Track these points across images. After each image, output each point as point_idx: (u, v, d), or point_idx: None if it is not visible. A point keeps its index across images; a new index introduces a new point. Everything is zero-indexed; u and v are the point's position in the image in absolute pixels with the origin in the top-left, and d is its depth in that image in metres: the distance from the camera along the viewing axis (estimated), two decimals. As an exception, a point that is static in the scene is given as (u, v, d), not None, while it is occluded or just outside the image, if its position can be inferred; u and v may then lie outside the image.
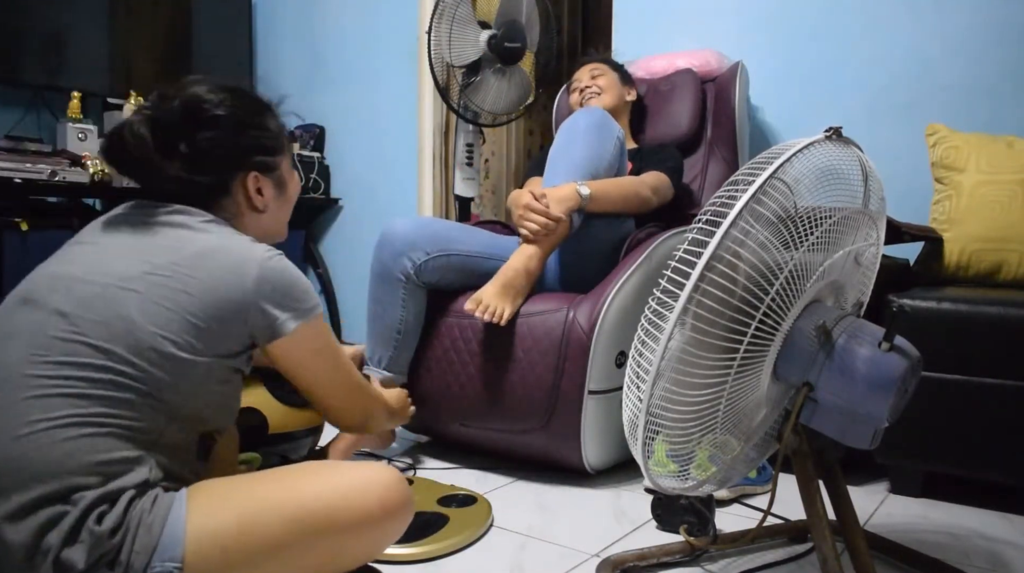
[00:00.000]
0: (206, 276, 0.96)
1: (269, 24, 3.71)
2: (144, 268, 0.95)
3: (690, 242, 0.96)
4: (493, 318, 1.68)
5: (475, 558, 1.34)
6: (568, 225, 1.77)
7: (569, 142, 1.88)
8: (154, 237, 1.00)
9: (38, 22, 2.91)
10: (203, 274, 0.96)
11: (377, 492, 0.97)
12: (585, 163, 1.83)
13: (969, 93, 2.13)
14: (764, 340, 0.99)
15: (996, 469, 1.55)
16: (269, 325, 1.01)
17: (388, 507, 0.97)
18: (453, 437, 1.92)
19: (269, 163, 1.13)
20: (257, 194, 1.11)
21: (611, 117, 1.94)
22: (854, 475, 1.76)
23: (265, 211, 1.13)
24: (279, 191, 1.16)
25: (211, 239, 1.00)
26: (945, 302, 1.58)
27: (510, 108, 2.50)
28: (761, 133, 2.46)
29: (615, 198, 1.84)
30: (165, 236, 1.00)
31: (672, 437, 1.02)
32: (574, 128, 1.89)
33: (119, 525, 0.85)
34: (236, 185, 1.10)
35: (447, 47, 2.34)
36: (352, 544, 0.96)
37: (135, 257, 0.97)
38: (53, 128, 3.01)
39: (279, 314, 1.01)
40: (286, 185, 1.18)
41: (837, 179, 1.05)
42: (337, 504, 0.94)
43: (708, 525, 1.35)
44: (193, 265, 0.96)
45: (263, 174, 1.12)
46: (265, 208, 1.13)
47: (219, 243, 1.00)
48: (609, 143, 1.88)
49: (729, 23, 2.50)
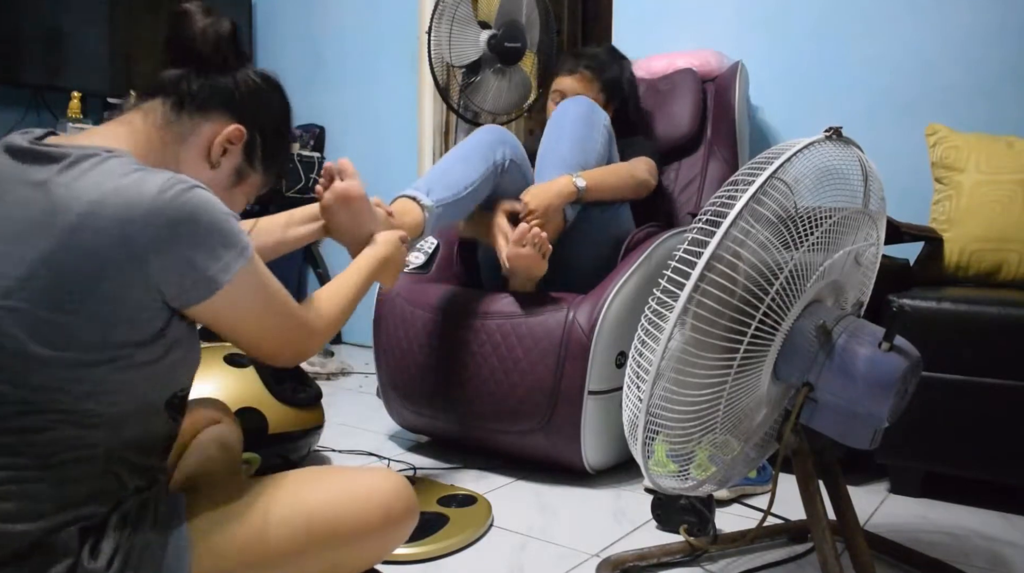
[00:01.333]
0: (86, 262, 0.78)
1: (269, 24, 3.71)
2: (22, 271, 0.78)
3: (690, 242, 0.96)
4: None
5: (475, 558, 1.34)
6: (562, 220, 1.76)
7: (558, 136, 1.87)
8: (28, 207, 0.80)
9: (38, 22, 2.91)
10: (82, 259, 0.78)
11: (382, 500, 0.96)
12: (575, 155, 1.83)
13: (969, 93, 2.13)
14: (764, 340, 0.99)
15: (996, 469, 1.55)
16: (179, 290, 0.82)
17: (393, 515, 0.96)
18: (453, 437, 1.92)
19: (255, 150, 1.01)
20: (221, 148, 0.97)
21: (598, 105, 1.93)
22: (854, 475, 1.76)
23: (214, 168, 0.98)
24: (233, 177, 1.01)
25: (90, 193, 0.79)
26: (945, 302, 1.58)
27: (510, 108, 2.50)
28: (761, 133, 2.46)
29: (613, 184, 1.83)
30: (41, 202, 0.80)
31: (672, 437, 1.02)
32: (561, 121, 1.88)
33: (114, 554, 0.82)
34: (217, 122, 0.97)
35: (447, 47, 2.34)
36: (357, 552, 0.96)
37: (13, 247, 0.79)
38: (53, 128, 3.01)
39: (192, 273, 0.82)
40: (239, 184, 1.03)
41: (837, 179, 1.05)
42: (342, 514, 0.93)
43: (708, 525, 1.35)
44: (69, 245, 0.78)
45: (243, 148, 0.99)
46: (217, 165, 0.97)
47: (100, 196, 0.79)
48: (597, 132, 1.88)
49: (729, 23, 2.50)
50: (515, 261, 1.69)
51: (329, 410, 1.89)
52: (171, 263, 0.81)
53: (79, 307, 0.79)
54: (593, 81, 2.09)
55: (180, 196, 0.81)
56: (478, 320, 1.78)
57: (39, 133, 0.89)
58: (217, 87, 0.97)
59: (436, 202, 1.61)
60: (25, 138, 0.87)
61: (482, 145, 1.77)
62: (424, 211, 1.58)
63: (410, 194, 1.61)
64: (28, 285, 0.78)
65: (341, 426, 2.16)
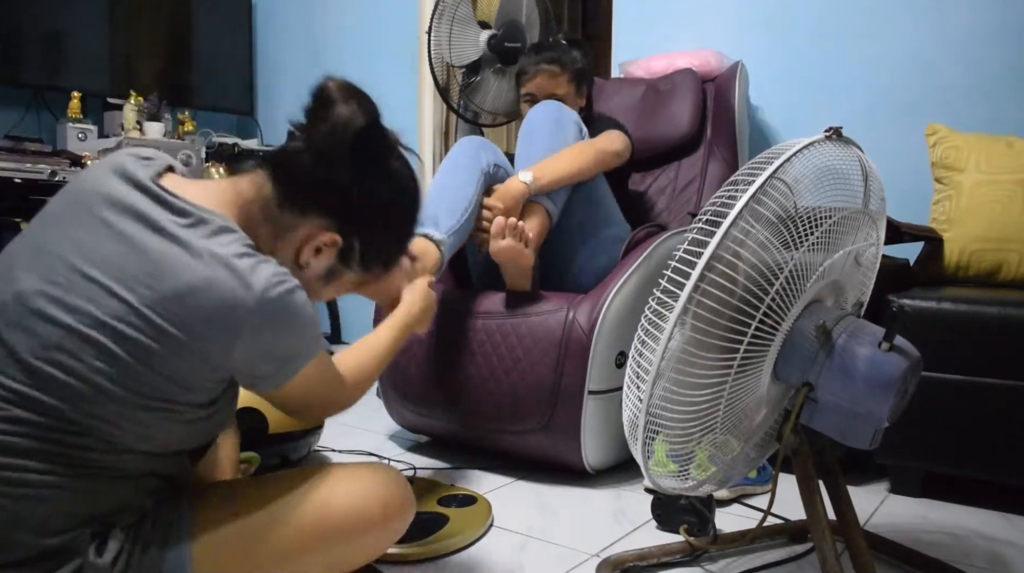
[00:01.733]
0: (177, 328, 0.80)
1: (269, 24, 3.71)
2: (113, 309, 0.79)
3: (690, 242, 0.96)
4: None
5: (475, 558, 1.34)
6: (546, 215, 1.78)
7: (529, 142, 1.88)
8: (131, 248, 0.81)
9: (38, 22, 2.91)
10: (174, 323, 0.80)
11: (379, 495, 0.97)
12: (547, 155, 1.83)
13: (969, 93, 2.13)
14: (764, 340, 0.99)
15: (996, 469, 1.55)
16: (266, 373, 0.86)
17: (390, 510, 0.97)
18: (453, 437, 1.92)
19: (353, 255, 0.97)
20: (313, 251, 0.94)
21: (564, 105, 1.94)
22: (854, 475, 1.76)
23: (305, 270, 0.95)
24: (322, 280, 0.98)
25: (199, 268, 0.80)
26: (945, 302, 1.58)
27: (510, 108, 2.50)
28: (761, 133, 2.46)
29: (564, 166, 1.80)
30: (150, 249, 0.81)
31: (672, 437, 1.02)
32: (531, 126, 1.89)
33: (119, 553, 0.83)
34: (315, 225, 0.92)
35: (447, 47, 2.34)
36: (355, 547, 0.96)
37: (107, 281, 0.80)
38: (53, 128, 3.01)
39: (275, 363, 0.86)
40: (331, 283, 1.00)
41: (837, 179, 1.05)
42: (340, 511, 0.93)
43: (708, 525, 1.35)
44: (165, 304, 0.79)
45: (338, 254, 0.95)
46: (306, 267, 0.95)
47: (209, 274, 0.80)
48: (568, 129, 1.88)
49: (729, 23, 2.50)
50: (499, 254, 1.70)
51: (329, 410, 1.89)
52: (255, 355, 0.84)
53: (155, 363, 0.80)
54: (559, 74, 2.05)
55: (284, 298, 0.83)
56: (478, 320, 1.78)
57: (152, 166, 0.89)
58: (326, 187, 0.91)
59: (447, 232, 1.66)
60: (141, 169, 0.87)
61: (466, 155, 1.80)
62: (440, 247, 1.62)
63: (421, 232, 1.63)
64: (117, 325, 0.79)
65: (341, 426, 2.16)
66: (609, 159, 1.90)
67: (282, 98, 3.65)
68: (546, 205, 1.78)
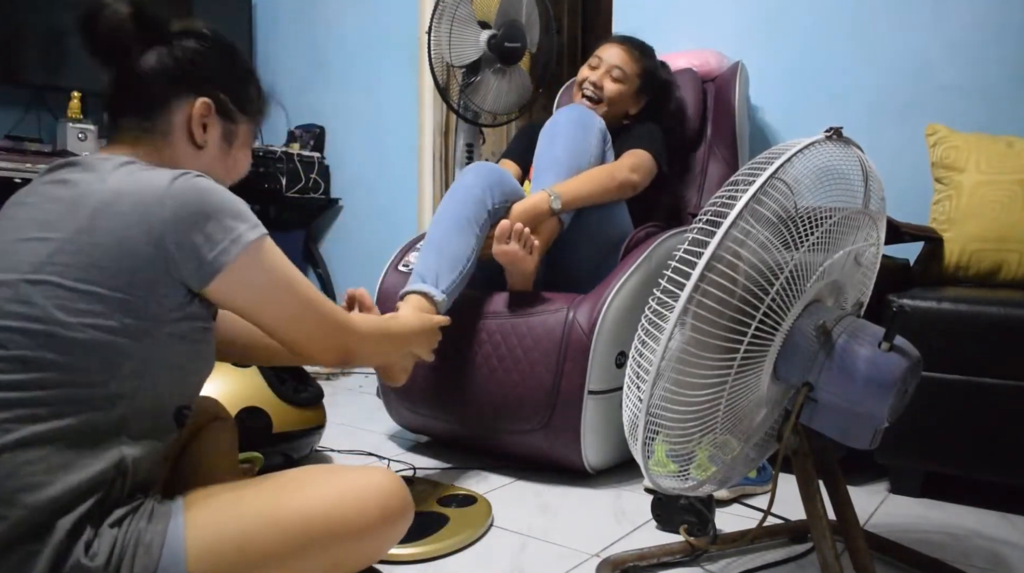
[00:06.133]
0: (108, 238, 0.85)
1: (269, 24, 3.71)
2: (50, 248, 0.85)
3: (690, 242, 0.96)
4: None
5: (475, 558, 1.34)
6: (558, 224, 1.79)
7: (551, 143, 1.90)
8: (56, 202, 0.88)
9: (38, 22, 2.91)
10: (105, 236, 0.85)
11: (377, 499, 0.96)
12: (567, 160, 1.85)
13: (968, 93, 2.14)
14: (764, 340, 0.99)
15: (996, 469, 1.55)
16: (197, 264, 0.88)
17: (388, 514, 0.96)
18: (453, 437, 1.92)
19: (228, 107, 1.04)
20: (200, 126, 1.01)
21: (590, 111, 1.95)
22: (854, 475, 1.76)
23: (204, 148, 1.02)
24: (225, 143, 1.05)
25: (111, 186, 0.88)
26: (945, 302, 1.58)
27: (510, 108, 2.50)
28: (761, 133, 2.46)
29: (590, 191, 1.82)
30: (67, 195, 0.88)
31: (672, 437, 1.02)
32: (554, 128, 1.91)
33: (112, 550, 0.82)
34: (182, 106, 1.00)
35: (447, 47, 2.34)
36: (353, 551, 0.96)
37: (40, 234, 0.86)
38: (53, 128, 3.01)
39: (205, 247, 0.88)
40: (234, 143, 1.07)
41: (837, 179, 1.05)
42: (337, 513, 0.93)
43: (708, 525, 1.35)
44: (93, 227, 0.85)
45: (217, 112, 1.02)
46: (204, 144, 1.02)
47: (119, 187, 0.88)
48: (591, 136, 1.89)
49: (729, 23, 2.50)
50: (500, 257, 1.71)
51: (329, 410, 1.89)
52: (185, 239, 0.87)
53: (103, 279, 0.85)
54: (636, 60, 2.07)
55: (190, 181, 0.90)
56: (478, 320, 1.78)
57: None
58: (156, 73, 0.98)
59: (446, 290, 1.62)
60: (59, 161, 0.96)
61: (472, 200, 1.72)
62: (438, 307, 1.60)
63: (422, 290, 1.60)
64: (55, 260, 0.84)
65: (341, 426, 2.16)
66: (627, 192, 1.91)
67: (282, 98, 3.65)
68: (561, 216, 1.80)
